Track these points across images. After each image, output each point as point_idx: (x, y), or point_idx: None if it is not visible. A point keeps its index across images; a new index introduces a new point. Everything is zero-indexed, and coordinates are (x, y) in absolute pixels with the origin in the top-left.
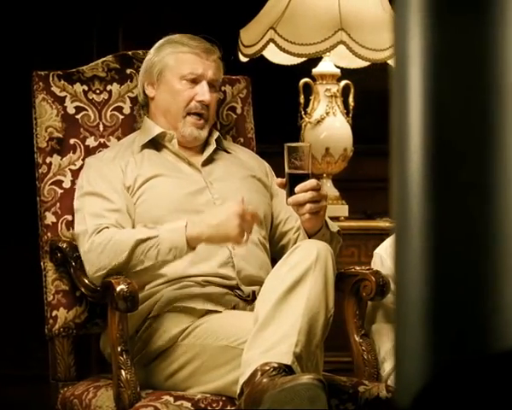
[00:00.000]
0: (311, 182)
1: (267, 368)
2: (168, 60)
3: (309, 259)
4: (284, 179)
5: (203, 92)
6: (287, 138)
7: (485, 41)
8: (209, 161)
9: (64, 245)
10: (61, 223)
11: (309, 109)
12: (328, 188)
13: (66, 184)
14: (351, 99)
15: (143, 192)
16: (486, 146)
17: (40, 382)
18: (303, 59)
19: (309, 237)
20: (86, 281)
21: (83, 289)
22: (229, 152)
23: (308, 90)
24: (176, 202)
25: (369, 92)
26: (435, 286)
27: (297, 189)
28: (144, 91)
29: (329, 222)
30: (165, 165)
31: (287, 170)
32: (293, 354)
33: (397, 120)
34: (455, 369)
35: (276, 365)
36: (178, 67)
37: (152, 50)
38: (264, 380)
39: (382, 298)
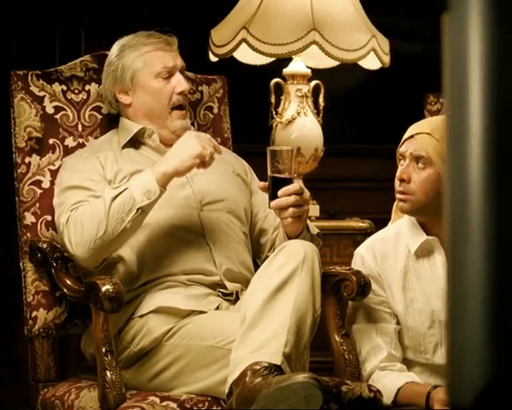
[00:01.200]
0: (295, 186)
1: (258, 367)
2: (137, 64)
3: (296, 259)
4: (267, 183)
5: (180, 83)
6: (257, 138)
7: None
8: None
9: (44, 245)
10: (41, 223)
11: (280, 109)
12: None
13: (46, 185)
14: (321, 99)
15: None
16: None
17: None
18: (272, 59)
19: None
20: (68, 282)
21: (65, 290)
22: None
23: (279, 90)
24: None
25: (336, 93)
26: (496, 285)
27: (280, 192)
28: (117, 100)
29: (310, 224)
30: (145, 162)
31: (269, 173)
32: (282, 353)
33: (455, 122)
34: None
35: (266, 364)
36: (150, 67)
37: (112, 58)
38: (257, 379)
39: (363, 298)
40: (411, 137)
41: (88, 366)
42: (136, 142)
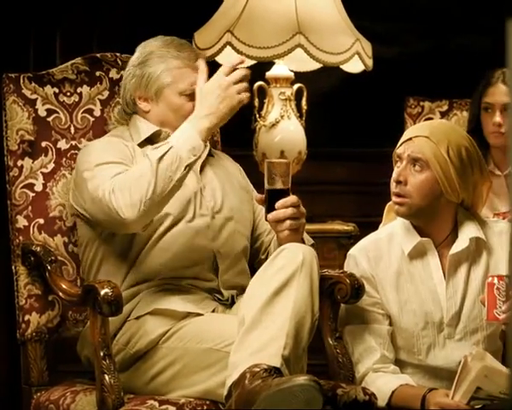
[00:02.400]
0: (292, 198)
1: (257, 370)
2: (165, 78)
3: (295, 262)
4: (263, 195)
5: None
6: (240, 142)
7: None
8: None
9: (38, 249)
10: (33, 226)
11: (263, 113)
12: None
13: (38, 188)
14: (303, 102)
15: None
16: None
17: None
18: (254, 62)
19: None
20: (64, 285)
21: (60, 294)
22: (212, 155)
23: (262, 93)
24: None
25: (313, 96)
26: None
27: (278, 205)
28: (135, 103)
29: (305, 236)
30: None
31: (266, 186)
32: (281, 356)
33: None
34: None
35: (265, 366)
36: (177, 84)
37: (136, 62)
38: (256, 382)
39: (357, 301)
40: (409, 139)
41: (77, 370)
42: (150, 142)
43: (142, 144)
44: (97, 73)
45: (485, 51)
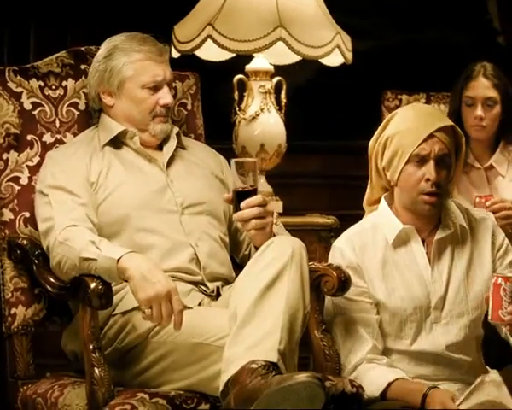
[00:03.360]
0: (257, 198)
1: (255, 366)
2: (127, 71)
3: (284, 256)
4: (231, 195)
5: (167, 96)
6: (219, 135)
7: None
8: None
9: (24, 242)
10: (19, 220)
11: (243, 106)
12: (262, 184)
13: (24, 181)
14: (283, 95)
15: (106, 190)
16: None
17: None
18: (232, 55)
19: None
20: (51, 279)
21: (48, 287)
22: (185, 148)
23: (241, 86)
24: (140, 200)
25: (292, 90)
26: None
27: (242, 204)
28: (100, 98)
29: (282, 230)
30: (125, 163)
31: (233, 186)
32: (277, 351)
33: None
34: None
35: (263, 362)
36: (139, 77)
37: (100, 57)
38: (256, 379)
39: (344, 293)
40: (432, 136)
41: (54, 364)
42: (117, 141)
43: (109, 144)
44: (82, 67)
45: (459, 45)
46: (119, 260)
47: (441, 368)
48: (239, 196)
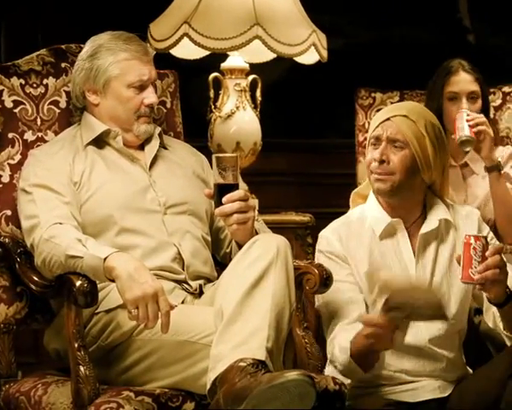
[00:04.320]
0: (239, 192)
1: (243, 364)
2: (113, 70)
3: (270, 253)
4: (212, 190)
5: (151, 96)
6: (194, 133)
7: None
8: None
9: (6, 240)
10: (0, 218)
11: (218, 104)
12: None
13: (5, 179)
14: (258, 93)
15: (89, 189)
16: None
17: None
18: (207, 53)
19: (240, 249)
20: (35, 277)
21: (32, 285)
22: (166, 148)
23: (217, 84)
24: (122, 200)
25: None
26: None
27: (224, 199)
28: (84, 97)
29: (263, 227)
30: (108, 163)
31: (214, 180)
32: (265, 348)
33: None
34: None
35: (251, 360)
36: (125, 76)
37: (85, 55)
38: (245, 377)
39: (326, 290)
40: (387, 119)
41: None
42: (99, 141)
43: (92, 143)
44: (63, 65)
45: (429, 43)
46: (105, 259)
47: (423, 363)
48: (220, 191)
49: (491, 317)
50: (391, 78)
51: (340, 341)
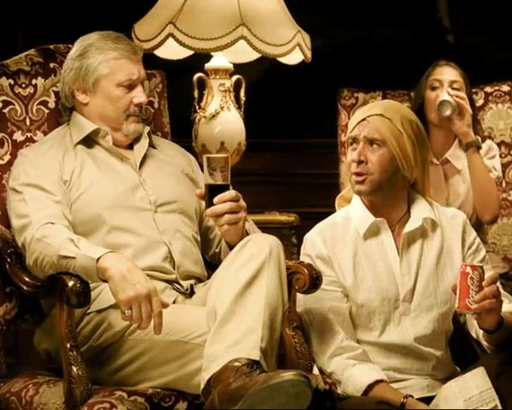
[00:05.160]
0: (230, 193)
1: (238, 364)
2: (102, 69)
3: (262, 253)
4: (203, 190)
5: (141, 95)
6: (178, 133)
7: None
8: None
9: None
10: None
11: (203, 104)
12: None
13: None
14: (242, 94)
15: (79, 188)
16: None
17: None
18: (190, 53)
19: (230, 250)
20: (26, 278)
21: (23, 286)
22: (155, 147)
23: (201, 84)
24: (112, 198)
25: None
26: None
27: (215, 200)
28: (73, 96)
29: (253, 228)
30: (98, 162)
31: (205, 181)
32: (259, 349)
33: None
34: None
35: (245, 360)
36: (114, 75)
37: (74, 55)
38: (241, 378)
39: (315, 290)
40: (363, 120)
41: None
42: (88, 140)
43: (81, 142)
44: (51, 65)
45: (408, 43)
46: (98, 259)
47: (410, 361)
48: (211, 192)
49: (474, 330)
50: (370, 77)
51: (351, 377)
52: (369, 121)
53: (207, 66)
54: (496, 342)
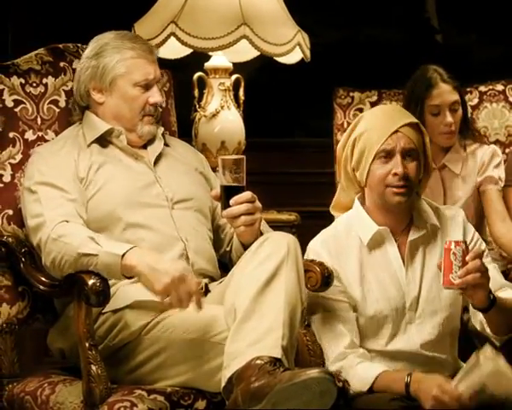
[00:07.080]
0: (246, 194)
1: (260, 362)
2: (119, 68)
3: (281, 251)
4: (219, 192)
5: (156, 95)
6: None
7: None
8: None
9: (10, 240)
10: (2, 217)
11: (203, 103)
12: None
13: (7, 178)
14: (241, 93)
15: (96, 185)
16: None
17: None
18: (188, 53)
19: (244, 250)
20: (42, 277)
21: (39, 285)
22: (168, 146)
23: (201, 83)
24: (128, 196)
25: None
26: None
27: (231, 201)
28: (89, 95)
29: (266, 227)
30: (113, 160)
31: (221, 183)
32: (281, 347)
33: None
34: None
35: (267, 358)
36: (131, 74)
37: (90, 54)
38: (264, 376)
39: (327, 288)
40: (396, 132)
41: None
42: (102, 140)
43: (95, 142)
44: (61, 64)
45: (396, 42)
46: (123, 256)
47: (416, 366)
48: (227, 193)
49: (479, 322)
50: (362, 76)
51: (357, 374)
52: (404, 132)
53: (207, 65)
54: (497, 328)
